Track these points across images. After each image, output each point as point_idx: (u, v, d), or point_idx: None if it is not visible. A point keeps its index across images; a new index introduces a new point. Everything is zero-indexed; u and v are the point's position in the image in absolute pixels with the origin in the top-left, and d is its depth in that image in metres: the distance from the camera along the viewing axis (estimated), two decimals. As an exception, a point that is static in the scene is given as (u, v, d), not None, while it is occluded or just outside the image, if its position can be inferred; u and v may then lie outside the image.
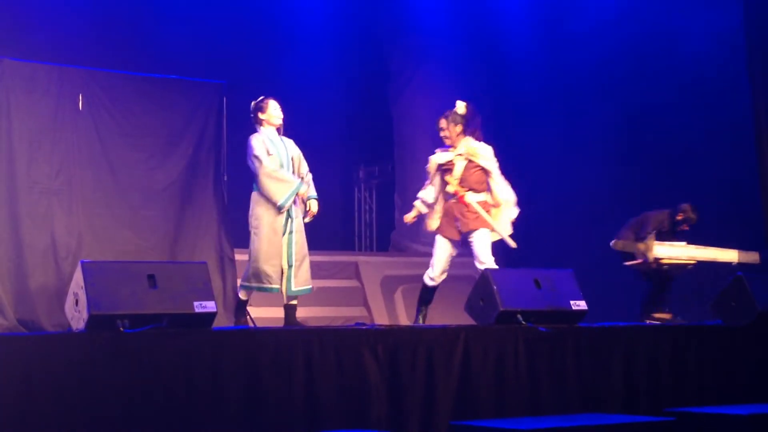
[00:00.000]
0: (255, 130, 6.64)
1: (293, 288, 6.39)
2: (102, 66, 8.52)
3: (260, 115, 6.57)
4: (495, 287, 5.63)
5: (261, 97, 6.67)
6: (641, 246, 7.84)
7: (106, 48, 8.67)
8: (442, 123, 6.36)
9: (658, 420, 4.41)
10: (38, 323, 7.83)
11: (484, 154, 6.33)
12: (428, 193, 6.47)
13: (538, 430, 4.04)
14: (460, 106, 6.32)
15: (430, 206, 6.49)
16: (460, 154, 6.31)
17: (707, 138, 9.25)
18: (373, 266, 9.65)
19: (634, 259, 8.07)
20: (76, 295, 4.71)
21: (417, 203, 6.52)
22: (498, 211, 6.39)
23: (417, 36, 10.52)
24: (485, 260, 6.30)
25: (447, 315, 8.32)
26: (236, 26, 9.30)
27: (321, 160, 9.43)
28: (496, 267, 6.33)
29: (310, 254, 6.59)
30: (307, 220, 6.49)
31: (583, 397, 5.50)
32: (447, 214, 6.37)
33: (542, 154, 10.30)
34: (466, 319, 6.10)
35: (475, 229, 6.28)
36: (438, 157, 6.42)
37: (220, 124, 8.77)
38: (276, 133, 6.61)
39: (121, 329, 4.51)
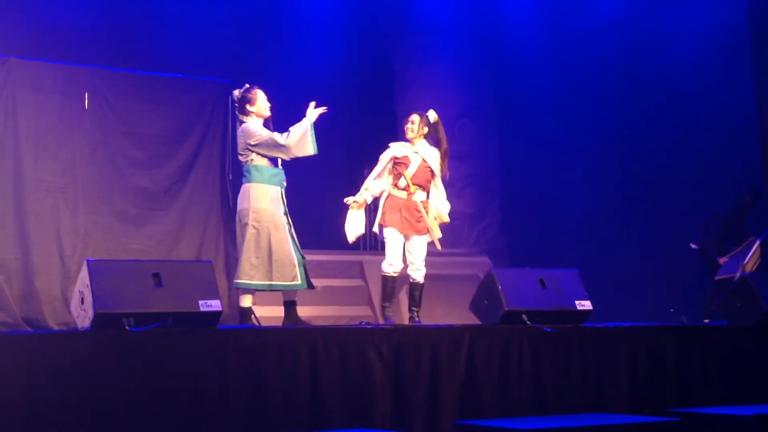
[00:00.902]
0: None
1: (308, 283, 6.26)
2: (107, 65, 8.53)
3: (248, 107, 6.20)
4: (500, 287, 5.63)
5: (246, 86, 6.27)
6: (746, 266, 8.14)
7: (111, 47, 8.67)
8: (414, 117, 6.59)
9: (663, 420, 4.41)
10: (43, 321, 7.85)
11: (436, 158, 6.54)
12: (375, 185, 6.54)
13: (542, 430, 4.04)
14: (433, 115, 6.59)
15: (375, 198, 6.57)
16: (416, 152, 6.50)
17: (712, 138, 9.23)
18: (378, 265, 9.57)
19: (709, 256, 8.47)
20: (81, 293, 4.72)
21: (365, 193, 6.54)
22: (432, 214, 6.50)
23: (422, 35, 10.52)
24: (420, 267, 6.49)
25: (451, 314, 8.32)
26: (241, 25, 9.29)
27: (325, 159, 9.43)
28: (424, 272, 6.48)
29: (315, 253, 6.53)
30: None
31: (587, 397, 5.50)
32: (393, 207, 6.44)
33: (548, 153, 10.29)
34: (470, 319, 6.10)
35: (415, 234, 6.38)
36: (396, 150, 6.54)
37: (225, 122, 8.78)
38: (263, 125, 6.39)
39: (127, 328, 4.51)
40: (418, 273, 6.48)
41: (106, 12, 8.63)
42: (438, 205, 6.54)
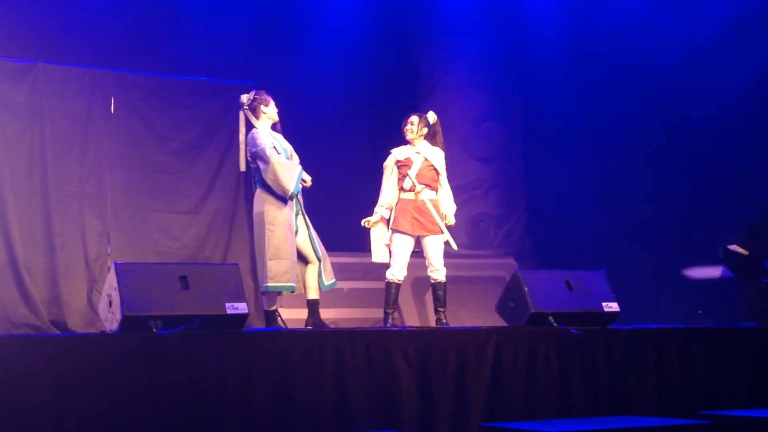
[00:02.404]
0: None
1: (326, 282, 6.31)
2: (133, 69, 8.57)
3: (264, 108, 6.43)
4: (526, 289, 5.62)
5: (253, 91, 6.51)
6: None
7: (137, 51, 8.71)
8: (413, 119, 6.61)
9: (692, 423, 4.38)
10: (70, 324, 7.90)
11: (438, 156, 6.58)
12: (387, 197, 6.53)
13: (570, 433, 4.02)
14: (432, 116, 6.65)
15: (391, 209, 6.56)
16: (418, 152, 6.54)
17: (740, 140, 9.16)
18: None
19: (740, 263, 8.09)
20: (109, 296, 4.75)
21: (379, 209, 6.54)
22: (443, 214, 6.50)
23: (447, 36, 10.51)
24: (438, 266, 6.45)
25: (477, 316, 8.31)
26: (264, 28, 9.31)
27: (350, 161, 9.45)
28: (444, 272, 6.44)
29: (341, 256, 6.53)
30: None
31: (614, 400, 5.47)
32: (403, 210, 6.44)
33: (573, 155, 10.24)
34: (496, 321, 6.08)
35: (429, 234, 6.37)
36: (398, 153, 6.56)
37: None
38: (271, 128, 6.50)
39: (154, 330, 4.54)
40: (437, 273, 6.43)
41: (132, 16, 8.68)
42: (444, 206, 6.52)
